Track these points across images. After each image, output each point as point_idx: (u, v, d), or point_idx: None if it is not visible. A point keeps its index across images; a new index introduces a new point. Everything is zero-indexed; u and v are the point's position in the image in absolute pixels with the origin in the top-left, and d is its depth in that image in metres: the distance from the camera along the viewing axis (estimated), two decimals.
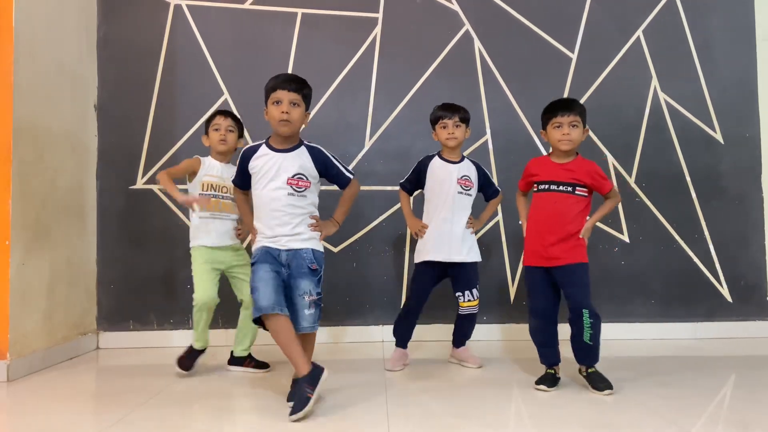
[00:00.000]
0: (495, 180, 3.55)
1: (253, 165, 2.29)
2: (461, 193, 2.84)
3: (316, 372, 2.11)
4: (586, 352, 2.42)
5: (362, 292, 3.56)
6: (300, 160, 2.28)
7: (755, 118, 3.68)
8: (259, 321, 2.20)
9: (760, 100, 3.68)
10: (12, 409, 2.28)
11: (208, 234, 2.74)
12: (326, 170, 2.34)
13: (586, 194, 2.47)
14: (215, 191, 2.76)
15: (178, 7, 3.61)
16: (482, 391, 2.43)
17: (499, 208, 3.56)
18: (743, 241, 3.64)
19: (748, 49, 3.71)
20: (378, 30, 3.66)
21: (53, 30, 3.11)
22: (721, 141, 3.67)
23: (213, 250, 2.74)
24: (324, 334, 3.51)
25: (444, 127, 2.84)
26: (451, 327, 3.00)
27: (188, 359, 2.75)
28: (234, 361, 2.85)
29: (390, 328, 3.48)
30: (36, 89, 2.94)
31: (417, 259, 2.89)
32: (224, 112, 2.86)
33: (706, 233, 3.63)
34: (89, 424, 2.08)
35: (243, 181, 2.35)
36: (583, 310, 2.37)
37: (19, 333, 2.77)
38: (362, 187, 3.55)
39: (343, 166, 2.37)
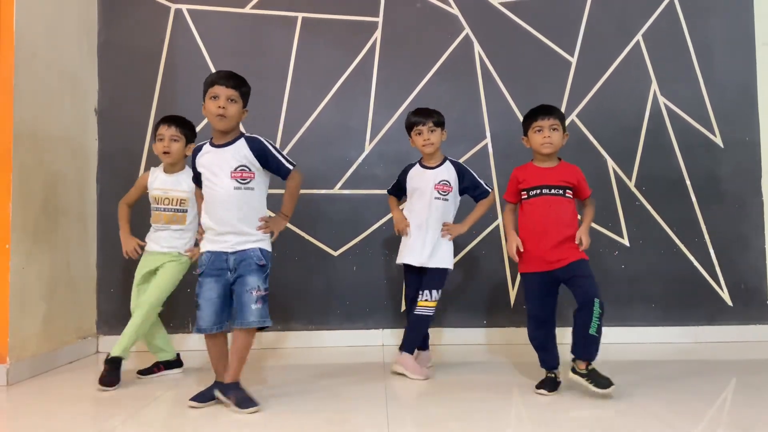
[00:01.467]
0: (494, 184, 3.57)
1: (199, 163, 2.33)
2: (438, 198, 2.82)
3: (240, 389, 2.23)
4: (590, 344, 2.35)
5: (362, 295, 3.55)
6: (240, 152, 2.28)
7: (755, 122, 3.69)
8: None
9: (759, 104, 3.69)
10: (12, 413, 2.28)
11: (148, 243, 2.82)
12: (266, 161, 2.31)
13: (572, 197, 2.50)
14: (158, 204, 2.78)
15: (178, 12, 3.62)
16: (483, 395, 2.42)
17: (499, 211, 3.56)
18: (743, 245, 3.64)
19: (748, 54, 3.71)
20: (378, 34, 3.67)
21: (54, 34, 3.12)
22: (721, 145, 3.67)
23: (148, 254, 2.81)
24: (324, 338, 3.50)
25: (419, 134, 2.83)
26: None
27: (149, 367, 2.81)
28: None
29: (390, 331, 3.51)
30: (36, 93, 2.95)
31: (397, 261, 2.92)
32: (169, 120, 2.78)
33: (706, 237, 3.63)
34: (89, 428, 2.07)
35: (198, 179, 2.37)
36: (595, 300, 2.34)
37: (19, 337, 2.76)
38: (362, 191, 3.58)
39: (284, 157, 2.33)
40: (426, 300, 2.79)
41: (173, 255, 2.76)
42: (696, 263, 3.62)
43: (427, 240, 2.79)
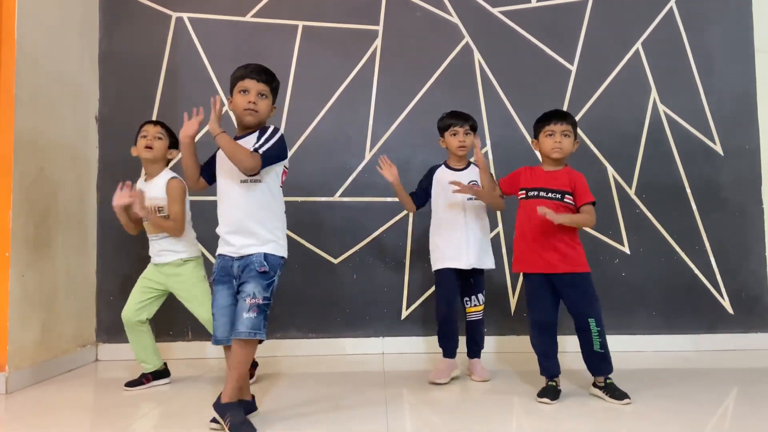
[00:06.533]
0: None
1: (219, 154, 2.19)
2: (471, 198, 2.83)
3: (249, 406, 2.17)
4: (598, 361, 2.43)
5: (362, 303, 3.55)
6: (251, 143, 2.11)
7: (754, 129, 3.69)
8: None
9: (759, 111, 3.69)
10: (10, 422, 2.26)
11: (151, 254, 2.77)
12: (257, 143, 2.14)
13: (572, 203, 2.49)
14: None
15: (179, 20, 3.63)
16: (483, 404, 2.41)
17: (499, 218, 3.57)
18: (744, 253, 3.63)
19: (747, 61, 3.72)
20: (378, 42, 3.68)
21: (55, 42, 3.13)
22: (721, 153, 3.67)
23: (156, 266, 2.75)
24: (324, 346, 3.49)
25: (455, 134, 2.85)
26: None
27: (136, 378, 2.75)
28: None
29: (390, 339, 3.51)
30: (37, 101, 2.95)
31: (435, 267, 2.87)
32: (154, 121, 2.80)
33: (707, 245, 3.63)
34: None
35: (207, 171, 2.23)
36: (589, 320, 2.39)
37: (18, 345, 2.76)
38: (362, 199, 3.58)
39: (266, 143, 2.10)
40: (475, 305, 2.86)
41: (177, 262, 2.72)
42: (697, 271, 3.62)
43: (471, 242, 2.80)
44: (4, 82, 2.76)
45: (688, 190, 3.65)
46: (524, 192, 2.54)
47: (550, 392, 2.41)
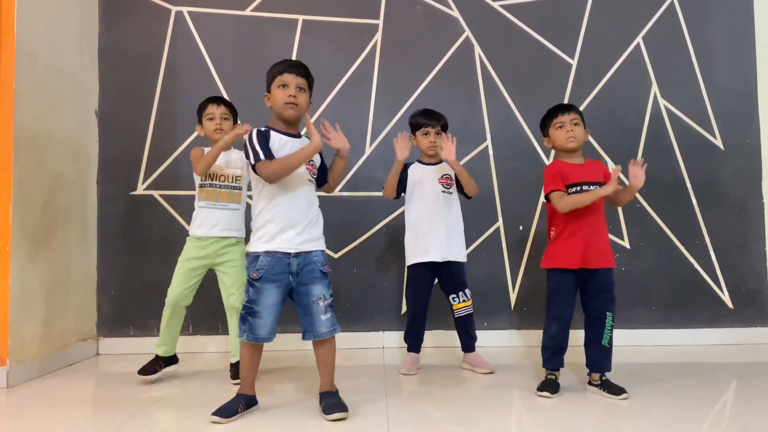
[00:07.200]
0: (495, 185, 3.58)
1: (274, 147, 2.18)
2: (444, 192, 2.88)
3: (250, 400, 2.24)
4: (604, 356, 2.43)
5: (363, 298, 3.55)
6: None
7: (755, 124, 3.68)
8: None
9: (760, 106, 3.68)
10: (11, 416, 2.27)
11: (200, 225, 2.70)
12: (322, 162, 2.37)
13: None
14: (212, 180, 2.69)
15: (179, 14, 3.62)
16: (483, 398, 2.42)
17: (500, 213, 3.57)
18: (744, 248, 3.63)
19: (748, 56, 3.71)
20: (378, 37, 3.67)
21: (55, 37, 3.13)
22: (722, 147, 3.67)
23: (201, 240, 2.68)
24: None
25: (426, 134, 2.90)
26: (451, 332, 3.00)
27: (149, 364, 2.71)
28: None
29: (391, 334, 3.51)
30: (37, 96, 2.95)
31: (409, 262, 2.92)
32: (216, 99, 2.76)
33: (707, 239, 3.63)
34: (89, 431, 2.07)
35: (271, 151, 2.16)
36: (607, 313, 2.41)
37: (19, 339, 2.77)
38: (363, 194, 3.58)
39: None
40: (464, 301, 2.88)
41: (232, 241, 2.68)
42: (696, 265, 3.62)
43: (445, 234, 2.84)
44: (4, 77, 2.76)
45: (689, 185, 3.65)
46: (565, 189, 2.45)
47: (551, 386, 2.42)
